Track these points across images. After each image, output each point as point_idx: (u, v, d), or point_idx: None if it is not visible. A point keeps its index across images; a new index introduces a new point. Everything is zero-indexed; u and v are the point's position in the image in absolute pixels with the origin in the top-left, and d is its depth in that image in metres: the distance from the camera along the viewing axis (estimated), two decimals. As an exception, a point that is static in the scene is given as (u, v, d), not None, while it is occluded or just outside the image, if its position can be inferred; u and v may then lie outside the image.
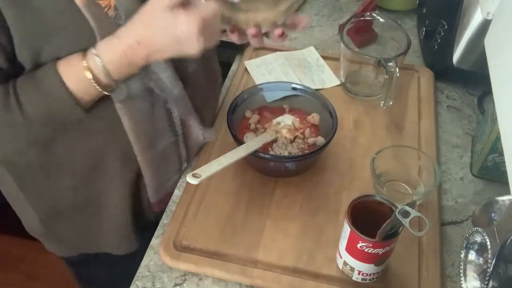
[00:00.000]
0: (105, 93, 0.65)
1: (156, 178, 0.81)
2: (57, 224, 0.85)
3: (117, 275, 0.79)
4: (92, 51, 0.62)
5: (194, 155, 0.89)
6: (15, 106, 0.62)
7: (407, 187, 0.82)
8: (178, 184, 0.87)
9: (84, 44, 0.63)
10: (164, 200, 0.84)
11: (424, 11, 1.14)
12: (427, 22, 1.06)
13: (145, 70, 0.67)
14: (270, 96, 0.91)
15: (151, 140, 0.77)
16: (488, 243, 0.59)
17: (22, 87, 0.63)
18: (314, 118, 0.88)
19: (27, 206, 0.83)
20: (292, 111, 0.91)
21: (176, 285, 0.74)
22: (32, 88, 0.63)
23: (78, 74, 0.62)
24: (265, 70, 1.03)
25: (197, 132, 0.83)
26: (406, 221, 0.61)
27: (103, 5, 0.62)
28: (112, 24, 0.63)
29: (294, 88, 0.90)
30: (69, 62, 0.63)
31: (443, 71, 1.03)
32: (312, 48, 1.09)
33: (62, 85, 0.62)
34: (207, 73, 0.85)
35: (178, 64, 0.73)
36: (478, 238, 0.65)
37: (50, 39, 0.62)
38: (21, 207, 0.86)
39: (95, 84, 0.63)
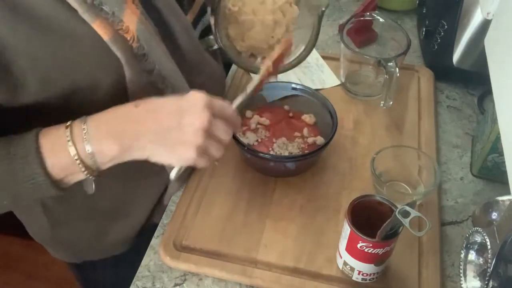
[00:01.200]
0: (88, 175, 0.60)
1: (177, 185, 0.83)
2: (68, 232, 0.85)
3: (121, 276, 0.79)
4: (82, 128, 0.58)
5: None
6: None
7: (407, 187, 0.82)
8: (178, 184, 0.87)
9: (105, 76, 0.62)
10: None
11: (424, 11, 1.14)
12: (427, 22, 1.06)
13: (162, 78, 0.66)
14: (270, 96, 0.91)
15: None
16: (488, 243, 0.59)
17: None
18: (308, 118, 0.89)
19: (39, 213, 0.81)
20: (292, 111, 0.91)
21: (176, 285, 0.74)
22: (4, 149, 0.57)
23: (60, 150, 0.58)
24: None
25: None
26: (406, 221, 0.61)
27: (128, 38, 0.61)
28: (135, 57, 0.62)
29: (294, 88, 0.90)
30: (53, 136, 0.58)
31: (443, 71, 1.03)
32: (312, 48, 1.09)
33: (37, 158, 0.56)
34: (213, 81, 0.86)
35: (187, 77, 0.73)
36: (478, 238, 0.65)
37: (77, 68, 0.60)
38: (30, 214, 0.85)
39: (80, 166, 0.58)
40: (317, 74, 1.03)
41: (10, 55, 0.55)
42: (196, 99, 0.58)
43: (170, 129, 0.58)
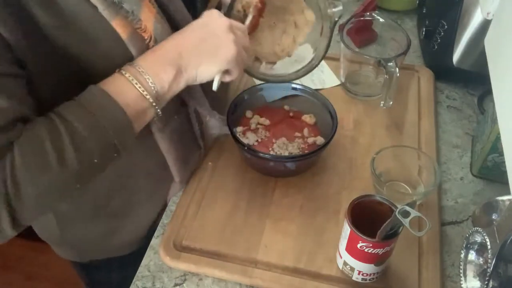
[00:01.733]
0: (155, 110, 0.62)
1: (184, 180, 0.84)
2: (76, 231, 0.85)
3: (125, 276, 0.79)
4: (134, 65, 0.60)
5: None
6: (65, 135, 0.55)
7: (407, 187, 0.82)
8: (178, 184, 0.87)
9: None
10: None
11: (424, 11, 1.14)
12: (427, 22, 1.06)
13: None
14: (270, 96, 0.91)
15: (185, 157, 0.80)
16: (488, 243, 0.59)
17: (68, 111, 0.56)
18: (308, 118, 0.89)
19: (47, 213, 0.81)
20: (292, 111, 0.91)
21: (176, 285, 0.74)
22: (81, 111, 0.57)
23: (125, 88, 0.59)
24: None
25: (214, 125, 0.85)
26: (406, 221, 0.61)
27: (145, 37, 0.62)
28: None
29: (294, 88, 0.90)
30: (111, 81, 0.60)
31: (443, 71, 1.03)
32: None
33: (114, 102, 0.57)
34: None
35: None
36: (478, 238, 0.65)
37: (95, 63, 0.61)
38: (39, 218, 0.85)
39: (147, 95, 0.60)
40: (317, 74, 1.03)
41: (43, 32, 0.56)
42: (209, 13, 0.66)
43: (206, 38, 0.64)
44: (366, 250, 0.65)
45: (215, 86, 0.67)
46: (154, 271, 0.75)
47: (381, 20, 0.99)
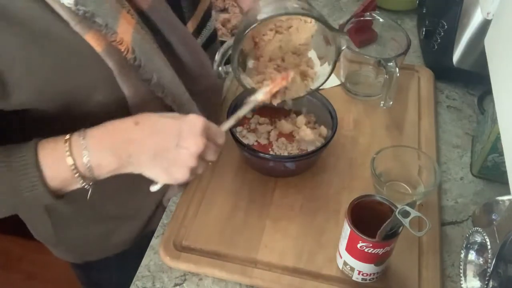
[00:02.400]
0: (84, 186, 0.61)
1: (174, 190, 0.83)
2: (71, 233, 0.85)
3: (124, 277, 0.79)
4: (81, 141, 0.59)
5: None
6: None
7: (407, 187, 0.82)
8: (178, 184, 0.87)
9: (99, 85, 0.62)
10: None
11: (424, 11, 1.14)
12: (427, 22, 1.06)
13: (161, 87, 0.66)
14: (270, 96, 0.91)
15: None
16: (488, 243, 0.59)
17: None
18: (322, 131, 0.87)
19: (41, 214, 0.82)
20: (292, 111, 0.91)
21: (176, 285, 0.74)
22: (3, 161, 0.58)
23: (60, 164, 0.59)
24: None
25: None
26: (406, 221, 0.61)
27: (122, 49, 0.60)
28: (130, 66, 0.61)
29: (294, 88, 0.90)
30: (52, 148, 0.59)
31: (443, 71, 1.03)
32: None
33: (39, 177, 0.58)
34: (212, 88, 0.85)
35: (187, 86, 0.72)
36: (478, 238, 0.65)
37: (72, 78, 0.60)
38: (33, 215, 0.85)
39: (78, 178, 0.59)
40: (317, 74, 1.03)
41: (3, 64, 0.55)
42: (196, 123, 0.61)
43: (168, 150, 0.60)
44: (366, 250, 0.65)
45: (153, 189, 0.66)
46: (154, 271, 0.75)
47: (381, 20, 0.99)
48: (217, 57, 0.74)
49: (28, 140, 0.60)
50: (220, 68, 0.75)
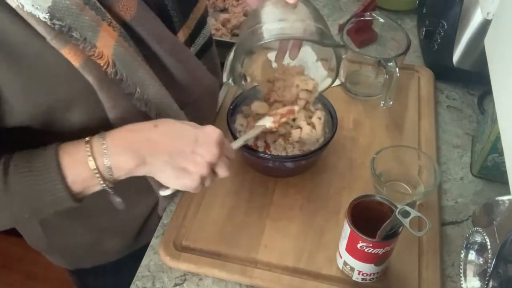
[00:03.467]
0: (105, 187, 0.62)
1: (167, 199, 0.82)
2: (62, 241, 0.85)
3: (120, 282, 0.79)
4: (101, 143, 0.60)
5: None
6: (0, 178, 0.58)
7: (407, 187, 0.82)
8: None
9: (84, 100, 0.61)
10: None
11: (424, 11, 1.14)
12: (427, 22, 1.06)
13: (144, 101, 0.65)
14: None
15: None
16: (488, 243, 0.59)
17: (15, 161, 0.59)
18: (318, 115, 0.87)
19: (33, 223, 0.82)
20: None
21: (176, 285, 0.74)
22: (25, 167, 0.59)
23: (80, 165, 0.59)
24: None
25: None
26: (406, 221, 0.61)
27: (101, 64, 0.58)
28: (111, 80, 0.60)
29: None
30: (72, 150, 0.60)
31: (443, 71, 1.03)
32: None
33: (61, 179, 0.58)
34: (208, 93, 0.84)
35: (178, 96, 0.71)
36: (478, 238, 0.65)
37: (47, 94, 0.58)
38: (25, 223, 0.85)
39: (99, 178, 0.60)
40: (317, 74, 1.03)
41: None
42: (212, 134, 0.62)
43: (183, 154, 0.61)
44: (366, 250, 0.65)
45: (163, 193, 0.66)
46: (154, 271, 0.75)
47: (381, 20, 0.99)
48: (227, 66, 0.75)
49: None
50: (230, 80, 0.77)
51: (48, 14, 0.53)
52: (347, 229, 0.66)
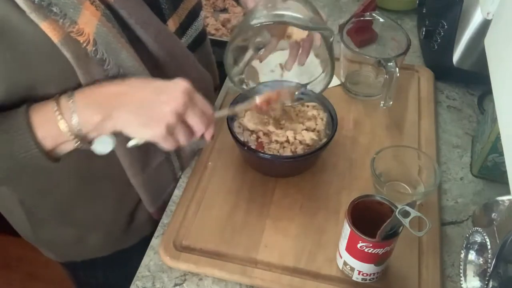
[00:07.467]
0: (77, 144, 0.62)
1: (151, 193, 0.82)
2: (48, 233, 0.86)
3: (114, 277, 0.79)
4: (69, 100, 0.60)
5: (189, 161, 0.88)
6: None
7: (407, 187, 0.82)
8: (178, 184, 0.87)
9: (63, 78, 0.61)
10: (163, 207, 0.84)
11: (424, 11, 1.14)
12: (427, 22, 1.06)
13: None
14: (270, 96, 0.91)
15: (143, 163, 0.78)
16: (488, 243, 0.59)
17: None
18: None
19: (20, 213, 0.82)
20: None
21: (176, 285, 0.74)
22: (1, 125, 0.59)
23: (49, 122, 0.60)
24: (264, 70, 1.03)
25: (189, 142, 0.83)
26: (406, 221, 0.61)
27: (81, 41, 0.58)
28: (91, 59, 0.60)
29: (294, 88, 0.90)
30: (41, 110, 0.60)
31: (443, 71, 1.03)
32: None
33: (31, 136, 0.59)
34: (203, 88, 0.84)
35: None
36: (478, 238, 0.65)
37: (27, 72, 0.59)
38: (12, 214, 0.86)
39: (69, 133, 0.60)
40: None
41: None
42: (179, 84, 0.62)
43: (148, 104, 0.61)
44: (366, 250, 0.65)
45: (129, 144, 0.64)
46: (154, 271, 0.75)
47: (381, 20, 0.99)
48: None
49: None
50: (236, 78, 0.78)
51: None
52: (347, 229, 0.67)
